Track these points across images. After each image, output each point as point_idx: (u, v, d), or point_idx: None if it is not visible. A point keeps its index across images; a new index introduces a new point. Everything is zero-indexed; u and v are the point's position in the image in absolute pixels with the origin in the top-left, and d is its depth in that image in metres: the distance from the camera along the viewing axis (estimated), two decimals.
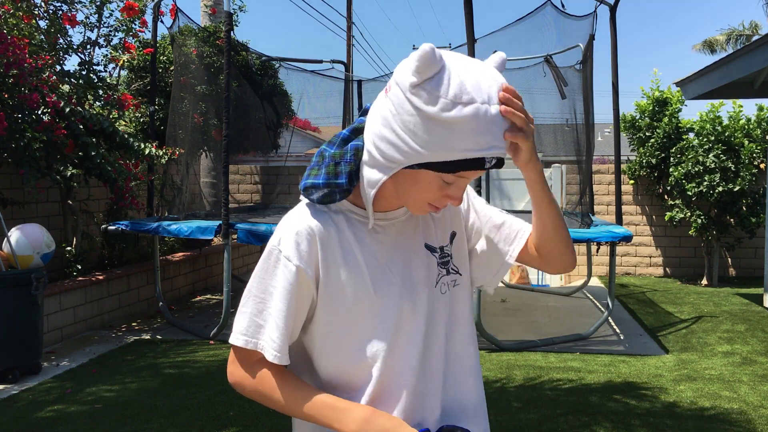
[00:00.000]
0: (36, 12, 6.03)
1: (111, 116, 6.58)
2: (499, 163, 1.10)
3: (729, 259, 9.37)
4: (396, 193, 1.19)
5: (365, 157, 1.15)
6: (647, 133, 9.02)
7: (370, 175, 1.14)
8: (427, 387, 1.24)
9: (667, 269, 9.56)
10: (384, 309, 1.20)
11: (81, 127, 5.69)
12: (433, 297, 1.25)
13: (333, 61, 9.84)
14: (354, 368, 1.22)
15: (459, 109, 1.02)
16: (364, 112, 1.21)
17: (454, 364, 1.29)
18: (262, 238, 5.46)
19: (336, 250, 1.20)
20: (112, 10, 6.57)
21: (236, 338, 1.21)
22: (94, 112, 6.02)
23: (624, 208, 9.27)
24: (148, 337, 5.88)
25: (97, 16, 6.49)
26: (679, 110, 9.00)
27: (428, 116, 1.04)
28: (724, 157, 8.30)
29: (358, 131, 1.20)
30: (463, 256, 1.33)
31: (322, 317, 1.21)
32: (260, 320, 1.20)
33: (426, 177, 1.12)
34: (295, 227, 1.19)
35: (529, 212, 1.35)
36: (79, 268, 6.13)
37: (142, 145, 6.21)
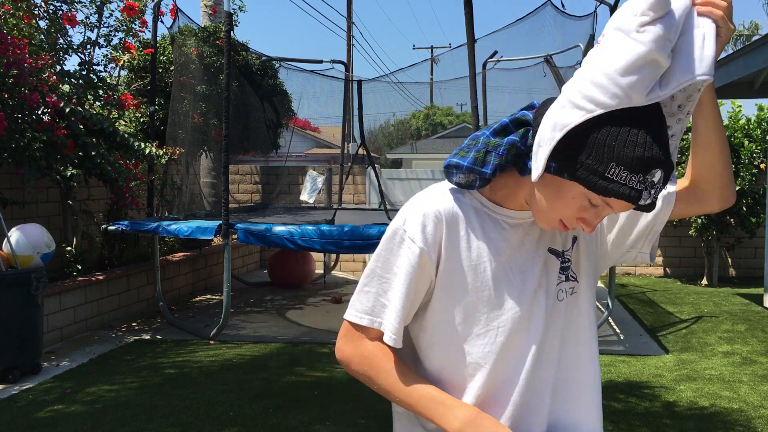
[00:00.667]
0: (36, 12, 6.03)
1: (111, 116, 6.58)
2: (651, 206, 1.07)
3: (729, 259, 9.37)
4: (531, 198, 1.15)
5: (555, 107, 1.07)
6: None
7: (559, 118, 1.05)
8: (534, 399, 1.20)
9: (667, 269, 9.56)
10: (501, 308, 1.17)
11: (81, 127, 5.69)
12: (550, 304, 1.21)
13: (333, 61, 9.83)
14: (461, 366, 1.19)
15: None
16: (529, 107, 1.17)
17: (567, 379, 1.23)
18: (262, 238, 5.46)
19: (462, 237, 1.17)
20: (112, 10, 6.58)
21: (359, 317, 1.19)
22: (94, 112, 6.02)
23: None
24: (148, 337, 5.88)
25: (97, 16, 6.49)
26: None
27: (650, 57, 0.99)
28: None
29: (520, 124, 1.14)
30: (582, 260, 1.27)
31: (438, 306, 1.19)
32: (385, 300, 1.17)
33: (572, 191, 1.07)
34: (422, 208, 1.17)
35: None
36: (79, 268, 6.13)
37: (142, 145, 6.21)
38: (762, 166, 8.64)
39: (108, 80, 6.65)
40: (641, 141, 1.00)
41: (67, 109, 5.60)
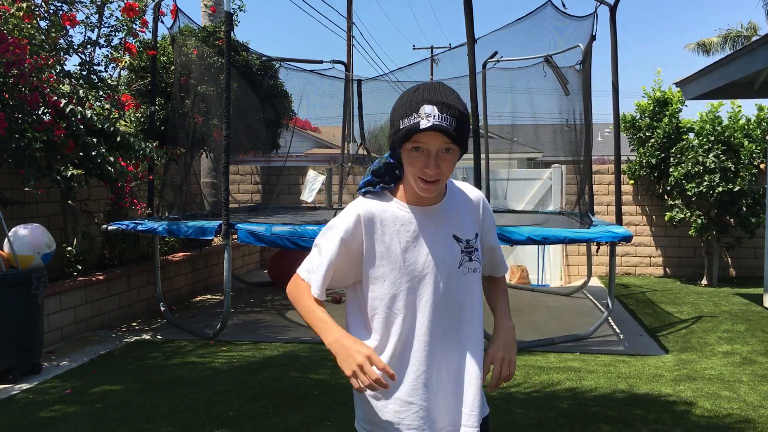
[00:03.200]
0: (37, 12, 6.03)
1: (111, 116, 6.58)
2: (436, 127, 1.53)
3: (729, 259, 9.37)
4: (408, 180, 1.65)
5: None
6: (647, 133, 9.02)
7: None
8: (439, 336, 1.66)
9: (667, 269, 9.56)
10: (409, 273, 1.64)
11: (81, 127, 5.69)
12: (452, 274, 1.67)
13: (333, 61, 9.83)
14: (389, 314, 1.65)
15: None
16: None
17: (463, 327, 1.69)
18: (262, 238, 5.46)
19: (377, 229, 1.65)
20: (113, 10, 6.58)
21: (302, 271, 1.75)
22: (95, 112, 6.02)
23: (624, 208, 9.27)
24: (148, 337, 5.89)
25: (97, 16, 6.49)
26: (680, 110, 9.00)
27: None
28: (723, 158, 8.30)
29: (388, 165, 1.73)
30: (480, 251, 1.76)
31: (367, 279, 1.67)
32: (314, 265, 1.71)
33: (405, 157, 1.60)
34: (350, 212, 1.68)
35: (529, 212, 1.50)
36: (80, 268, 6.13)
37: (143, 145, 6.21)
38: (762, 166, 8.64)
39: (108, 81, 6.64)
40: (406, 99, 1.58)
41: (68, 109, 5.60)
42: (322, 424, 3.76)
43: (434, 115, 1.52)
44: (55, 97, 5.62)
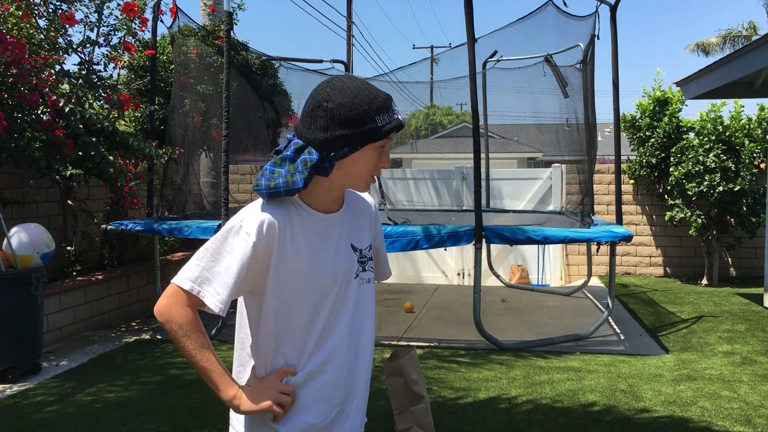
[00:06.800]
0: (36, 11, 6.02)
1: (111, 116, 6.57)
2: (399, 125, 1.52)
3: (729, 259, 9.36)
4: (344, 183, 1.55)
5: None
6: (647, 133, 9.02)
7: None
8: (335, 340, 1.56)
9: (667, 269, 9.56)
10: (316, 283, 1.52)
11: (81, 126, 5.68)
12: (351, 284, 1.58)
13: (333, 61, 9.81)
14: (291, 324, 1.53)
15: None
16: (290, 139, 1.62)
17: (365, 342, 1.61)
18: None
19: (288, 237, 1.50)
20: (112, 9, 6.57)
21: (184, 282, 1.48)
22: (94, 112, 6.01)
23: (624, 207, 9.27)
24: (148, 337, 5.88)
25: (96, 15, 6.48)
26: (680, 110, 9.00)
27: None
28: (724, 157, 8.29)
29: (299, 149, 1.54)
30: (374, 260, 1.70)
31: (272, 289, 1.51)
32: (209, 274, 1.47)
33: (367, 153, 1.49)
34: (260, 215, 1.49)
35: (529, 212, 1.45)
36: (79, 268, 6.13)
37: (142, 145, 6.20)
38: (762, 165, 8.63)
39: (108, 81, 6.63)
40: (371, 95, 1.51)
41: (67, 109, 5.60)
42: None
43: (397, 112, 1.54)
44: (55, 97, 5.62)
